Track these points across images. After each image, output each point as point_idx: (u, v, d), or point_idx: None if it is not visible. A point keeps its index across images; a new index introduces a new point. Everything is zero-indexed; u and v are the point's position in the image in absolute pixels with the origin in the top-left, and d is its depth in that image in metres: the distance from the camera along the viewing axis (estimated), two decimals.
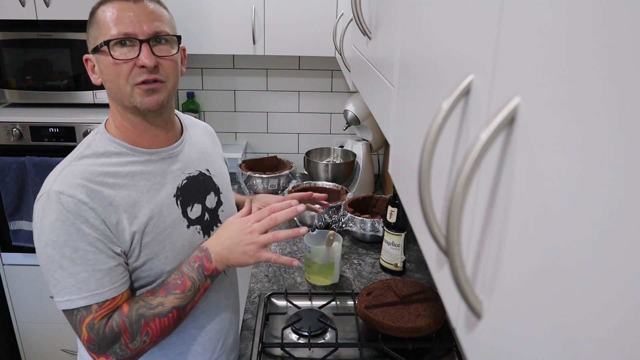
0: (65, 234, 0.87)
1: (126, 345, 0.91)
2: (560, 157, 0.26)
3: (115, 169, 0.94)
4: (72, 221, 0.87)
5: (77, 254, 0.87)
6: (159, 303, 0.92)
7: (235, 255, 0.95)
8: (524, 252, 0.30)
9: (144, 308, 0.92)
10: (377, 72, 0.89)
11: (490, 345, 0.35)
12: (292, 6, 2.04)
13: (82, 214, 0.87)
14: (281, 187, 2.18)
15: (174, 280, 0.95)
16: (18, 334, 2.28)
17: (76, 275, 0.88)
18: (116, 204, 0.91)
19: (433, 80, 0.51)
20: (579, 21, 0.24)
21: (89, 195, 0.89)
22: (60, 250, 0.87)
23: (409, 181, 0.61)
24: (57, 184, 0.88)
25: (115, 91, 0.95)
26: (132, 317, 0.91)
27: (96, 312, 0.89)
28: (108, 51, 0.91)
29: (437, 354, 1.26)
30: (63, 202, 0.87)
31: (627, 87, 0.20)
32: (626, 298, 0.20)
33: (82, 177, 0.90)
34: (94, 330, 0.89)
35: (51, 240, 0.87)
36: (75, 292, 0.88)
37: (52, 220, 0.87)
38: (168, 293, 0.93)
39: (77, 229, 0.87)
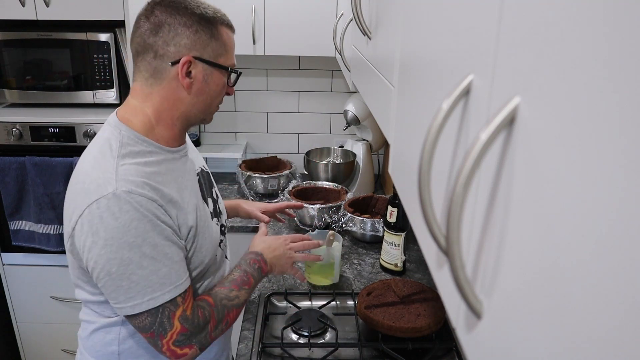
0: (144, 233, 0.87)
1: (209, 333, 0.97)
2: (560, 157, 0.26)
3: (158, 168, 0.95)
4: (149, 218, 0.87)
5: (157, 250, 0.89)
6: (236, 296, 1.02)
7: (279, 263, 1.15)
8: (524, 252, 0.30)
9: (226, 300, 1.01)
10: (377, 72, 0.89)
11: (490, 345, 0.35)
12: (292, 6, 2.04)
13: (154, 211, 0.88)
14: (281, 187, 2.18)
15: (242, 277, 1.06)
16: (18, 334, 2.28)
17: (158, 271, 0.89)
18: (174, 200, 0.94)
19: (433, 80, 0.51)
20: (578, 21, 0.24)
21: (156, 192, 0.90)
22: (140, 250, 0.87)
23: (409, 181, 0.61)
24: (122, 184, 0.86)
25: (202, 106, 0.99)
26: (219, 307, 0.99)
27: (184, 304, 0.93)
28: (228, 76, 1.00)
29: (437, 354, 1.26)
30: (136, 200, 0.86)
31: (627, 87, 0.20)
32: (626, 298, 0.20)
33: (142, 176, 0.90)
34: (189, 320, 0.93)
35: (127, 243, 0.86)
36: (159, 288, 0.89)
37: (126, 221, 0.85)
38: (240, 288, 1.04)
39: (154, 226, 0.88)
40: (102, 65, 2.01)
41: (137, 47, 0.96)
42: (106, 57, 2.00)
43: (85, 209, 0.86)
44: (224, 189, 2.31)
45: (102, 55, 2.00)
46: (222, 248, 1.15)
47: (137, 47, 0.96)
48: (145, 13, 0.96)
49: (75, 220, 0.88)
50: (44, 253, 2.09)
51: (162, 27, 0.93)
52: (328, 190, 2.04)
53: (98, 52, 2.00)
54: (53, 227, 2.02)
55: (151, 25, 0.94)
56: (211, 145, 2.48)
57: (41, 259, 2.13)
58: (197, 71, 0.95)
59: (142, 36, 0.95)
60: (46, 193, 1.97)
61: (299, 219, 1.89)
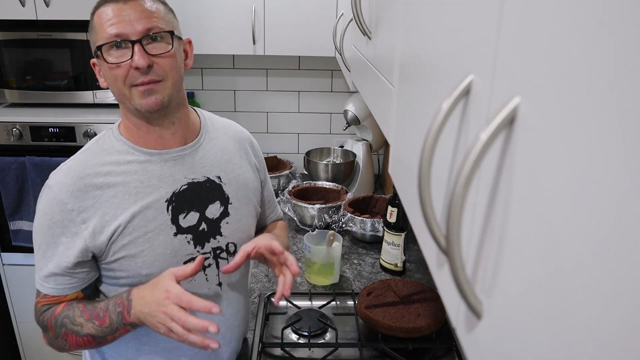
0: (41, 227, 0.96)
1: (51, 339, 1.01)
2: (561, 157, 0.26)
3: (110, 168, 0.96)
4: (49, 217, 0.95)
5: (42, 247, 0.97)
6: (79, 323, 0.96)
7: (149, 323, 0.90)
8: (524, 252, 0.30)
9: (67, 319, 0.97)
10: (377, 72, 0.89)
11: (490, 345, 0.35)
12: (292, 6, 2.04)
13: (57, 212, 0.94)
14: (281, 187, 2.18)
15: (98, 311, 0.95)
16: (18, 334, 2.28)
17: (39, 262, 0.98)
18: (98, 205, 0.94)
19: (433, 80, 0.51)
20: (579, 21, 0.24)
21: (74, 195, 0.93)
22: (36, 236, 0.98)
23: (409, 181, 0.61)
24: (55, 177, 0.96)
25: (117, 94, 0.95)
26: (57, 321, 0.98)
27: (41, 298, 1.00)
28: (102, 56, 0.91)
29: (437, 354, 1.26)
30: (48, 196, 0.95)
31: (628, 86, 0.20)
32: (627, 299, 0.20)
33: (74, 175, 0.95)
34: (35, 311, 1.02)
35: (35, 224, 0.98)
36: (37, 272, 0.99)
37: (40, 207, 0.96)
38: (89, 319, 0.95)
39: (50, 227, 0.95)
40: None
41: None
42: None
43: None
44: None
45: None
46: (205, 272, 1.03)
47: None
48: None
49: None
50: None
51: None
52: (328, 190, 2.04)
53: None
54: None
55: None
56: None
57: None
58: (101, 66, 0.95)
59: None
60: None
61: (299, 219, 1.89)
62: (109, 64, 0.91)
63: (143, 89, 0.91)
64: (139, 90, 0.92)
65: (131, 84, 0.91)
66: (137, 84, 0.91)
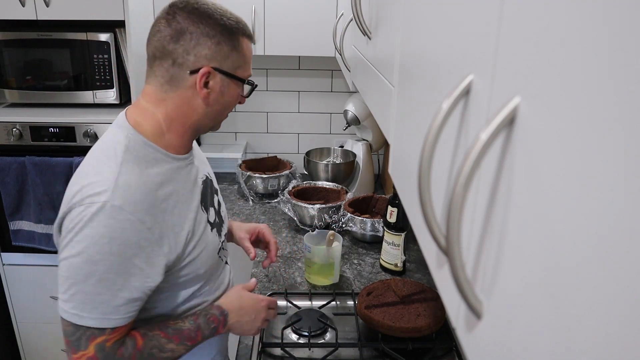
0: (107, 255, 0.84)
1: None
2: (560, 157, 0.26)
3: (161, 178, 0.92)
4: (119, 243, 0.84)
5: (108, 276, 0.85)
6: (170, 349, 0.94)
7: (244, 328, 1.07)
8: (524, 252, 0.30)
9: (157, 349, 0.93)
10: (377, 72, 0.89)
11: (490, 345, 0.35)
12: (292, 6, 2.04)
13: (132, 236, 0.85)
14: (281, 187, 2.18)
15: (189, 332, 0.97)
16: (18, 334, 2.28)
17: (98, 295, 0.85)
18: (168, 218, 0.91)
19: (433, 80, 0.51)
20: (579, 21, 0.24)
21: (148, 212, 0.87)
22: (94, 266, 0.84)
23: (409, 181, 0.61)
24: (117, 198, 0.84)
25: (213, 115, 0.98)
26: (144, 354, 0.91)
27: (109, 335, 0.87)
28: (242, 87, 1.00)
29: (437, 354, 1.26)
30: (120, 219, 0.84)
31: (627, 87, 0.20)
32: (627, 298, 0.20)
33: (140, 190, 0.87)
34: (104, 352, 0.87)
35: (88, 256, 0.84)
36: (89, 310, 0.85)
37: (99, 236, 0.83)
38: (181, 342, 0.95)
39: (121, 253, 0.85)
40: (102, 65, 2.01)
41: (155, 52, 0.93)
42: (106, 57, 2.00)
43: (76, 207, 0.85)
44: (224, 189, 2.31)
45: (102, 55, 2.00)
46: (222, 257, 1.12)
47: (154, 51, 0.93)
48: (166, 17, 0.92)
49: (64, 213, 0.88)
50: (44, 253, 2.09)
51: (183, 34, 0.91)
52: (328, 190, 2.04)
53: (98, 52, 2.00)
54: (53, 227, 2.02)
55: (172, 31, 0.91)
56: (211, 145, 2.49)
57: (41, 259, 2.13)
58: (215, 82, 0.94)
59: (161, 41, 0.92)
60: (46, 193, 1.97)
61: (299, 219, 1.89)
62: (243, 97, 1.02)
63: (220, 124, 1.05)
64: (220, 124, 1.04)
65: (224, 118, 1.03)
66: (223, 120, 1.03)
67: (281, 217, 2.02)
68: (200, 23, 0.91)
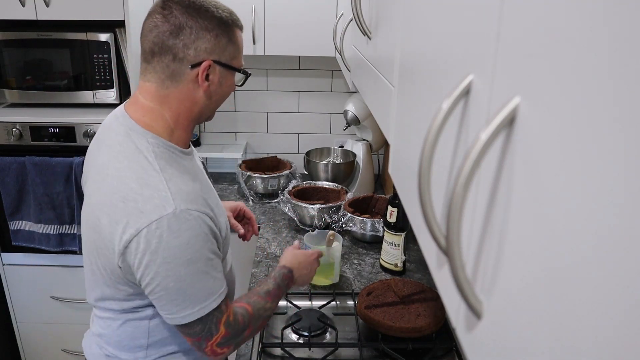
0: (200, 249, 0.91)
1: (245, 337, 1.04)
2: (560, 157, 0.26)
3: (190, 175, 0.97)
4: (204, 234, 0.92)
5: (207, 264, 0.93)
6: (269, 308, 1.08)
7: (305, 279, 1.24)
8: (524, 252, 0.30)
9: (262, 310, 1.07)
10: (377, 72, 0.89)
11: (490, 345, 0.35)
12: (292, 6, 2.04)
13: (207, 226, 0.93)
14: (281, 187, 2.18)
15: (275, 291, 1.11)
16: (18, 334, 2.28)
17: (207, 284, 0.94)
18: (212, 205, 0.98)
19: (433, 80, 0.51)
20: (579, 21, 0.24)
21: (205, 203, 0.94)
22: (195, 266, 0.91)
23: (409, 181, 0.61)
24: (180, 203, 0.89)
25: (213, 105, 1.02)
26: (256, 316, 1.05)
27: (227, 311, 0.98)
28: (231, 75, 1.02)
29: (437, 354, 1.26)
30: (193, 217, 0.90)
31: (627, 87, 0.20)
32: (627, 297, 0.20)
33: (191, 189, 0.93)
34: (232, 325, 0.99)
35: (185, 260, 0.89)
36: (207, 298, 0.94)
37: (185, 239, 0.88)
38: (273, 300, 1.10)
39: (206, 241, 0.92)
40: (102, 65, 2.01)
41: (154, 47, 0.93)
42: (106, 57, 2.00)
43: (143, 228, 0.87)
44: (224, 189, 2.31)
45: (102, 55, 2.00)
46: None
47: (152, 46, 0.93)
48: (162, 12, 0.93)
49: (129, 238, 0.88)
50: (44, 253, 2.09)
51: (183, 29, 0.92)
52: (328, 190, 2.04)
53: (98, 52, 2.00)
54: (53, 227, 2.02)
55: (171, 27, 0.92)
56: (211, 145, 2.48)
57: (41, 259, 2.13)
58: (215, 74, 0.96)
59: (160, 36, 0.92)
60: (46, 193, 1.97)
61: (299, 219, 1.89)
62: (237, 86, 1.07)
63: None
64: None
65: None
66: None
67: (281, 217, 2.02)
68: (199, 17, 0.92)
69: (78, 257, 2.12)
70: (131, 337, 1.03)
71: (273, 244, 1.81)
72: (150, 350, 1.04)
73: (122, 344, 1.04)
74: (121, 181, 0.91)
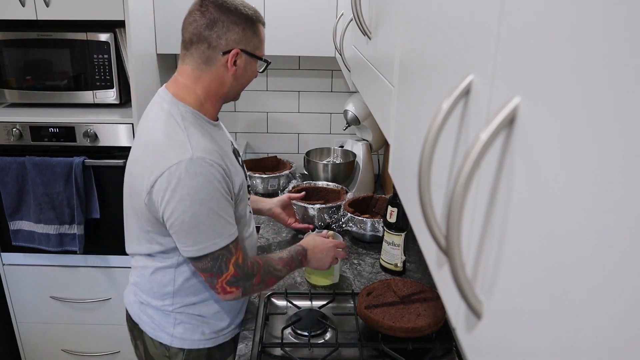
0: (212, 192, 1.08)
1: (253, 285, 1.19)
2: (560, 157, 0.26)
3: (210, 137, 1.15)
4: (217, 180, 1.09)
5: (219, 207, 1.10)
6: (279, 270, 1.26)
7: (319, 263, 1.39)
8: (524, 252, 0.30)
9: (272, 268, 1.24)
10: (377, 72, 0.89)
11: (490, 345, 0.35)
12: (292, 6, 2.04)
13: (219, 175, 1.10)
14: (281, 187, 2.18)
15: (287, 259, 1.30)
16: (18, 334, 2.28)
17: (218, 223, 1.11)
18: (227, 164, 1.14)
19: (433, 80, 0.51)
20: (578, 21, 0.24)
21: (220, 159, 1.11)
22: (208, 205, 1.08)
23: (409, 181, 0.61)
24: (197, 152, 1.07)
25: (239, 87, 1.24)
26: (265, 270, 1.22)
27: (236, 253, 1.15)
28: (255, 63, 1.23)
29: (437, 354, 1.26)
30: (208, 164, 1.08)
31: (626, 87, 0.20)
32: (627, 297, 0.20)
33: (208, 145, 1.11)
34: (240, 267, 1.16)
35: (199, 199, 1.07)
36: (218, 236, 1.11)
37: (200, 181, 1.06)
38: (284, 266, 1.28)
39: (218, 187, 1.09)
40: (102, 65, 2.01)
41: (192, 37, 1.16)
42: (106, 57, 2.00)
43: (166, 170, 1.06)
44: None
45: (102, 55, 2.00)
46: (249, 208, 1.36)
47: (191, 37, 1.16)
48: (200, 9, 1.15)
49: (155, 178, 1.07)
50: (44, 253, 2.09)
51: (216, 23, 1.14)
52: (328, 190, 2.04)
53: (98, 52, 2.00)
54: (53, 227, 2.02)
55: (207, 21, 1.14)
56: None
57: (41, 259, 2.13)
58: (241, 61, 1.19)
59: (198, 29, 1.14)
60: (46, 193, 1.97)
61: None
62: (258, 73, 1.27)
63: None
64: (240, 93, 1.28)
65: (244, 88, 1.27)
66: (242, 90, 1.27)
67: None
68: (230, 14, 1.15)
69: (78, 257, 2.12)
70: (160, 284, 1.22)
71: (273, 244, 1.81)
72: (175, 298, 1.22)
73: (153, 290, 1.23)
74: (153, 136, 1.12)
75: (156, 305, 1.24)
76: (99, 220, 2.04)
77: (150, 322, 1.26)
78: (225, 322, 1.29)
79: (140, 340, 1.30)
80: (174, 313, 1.24)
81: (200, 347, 1.27)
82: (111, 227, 2.07)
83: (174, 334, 1.25)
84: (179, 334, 1.25)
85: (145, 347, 1.30)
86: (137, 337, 1.32)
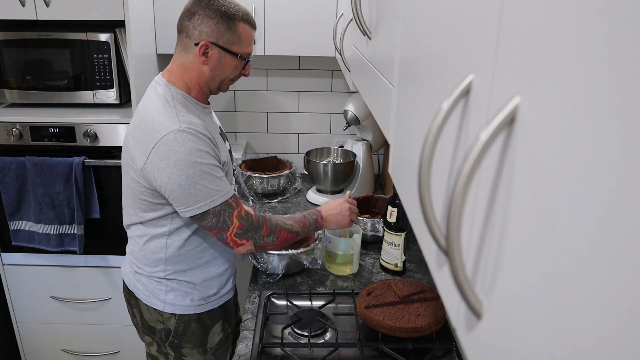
0: (202, 155, 1.17)
1: (263, 236, 1.28)
2: (560, 156, 0.26)
3: (198, 116, 1.24)
4: (206, 145, 1.19)
5: (211, 168, 1.19)
6: (290, 225, 1.34)
7: (335, 220, 1.44)
8: (524, 252, 0.30)
9: (280, 222, 1.33)
10: (377, 72, 0.89)
11: (490, 345, 0.35)
12: (292, 6, 2.04)
13: (207, 142, 1.19)
14: (281, 187, 2.18)
15: (299, 218, 1.38)
16: (18, 334, 2.28)
17: (212, 182, 1.19)
18: (214, 140, 1.23)
19: (433, 80, 0.51)
20: (578, 21, 0.24)
21: (205, 127, 1.20)
22: (200, 167, 1.17)
23: (409, 181, 0.61)
24: (184, 124, 1.17)
25: (218, 78, 1.30)
26: (272, 221, 1.31)
27: (237, 207, 1.24)
28: (241, 62, 1.30)
29: (437, 354, 1.26)
30: (195, 132, 1.17)
31: (626, 87, 0.20)
32: (626, 298, 0.20)
33: (194, 120, 1.20)
34: (244, 219, 1.25)
35: (191, 162, 1.16)
36: (215, 194, 1.20)
37: (189, 147, 1.16)
38: (295, 223, 1.35)
39: (207, 152, 1.19)
40: (102, 65, 2.01)
41: (178, 27, 1.28)
42: (106, 57, 2.00)
43: (158, 141, 1.16)
44: None
45: (102, 55, 2.00)
46: (235, 189, 1.43)
47: (178, 26, 1.28)
48: (189, 3, 1.26)
49: (149, 150, 1.17)
50: (44, 253, 2.09)
51: (194, 15, 1.24)
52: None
53: (98, 52, 2.00)
54: (53, 227, 2.02)
55: (188, 13, 1.25)
56: None
57: (41, 259, 2.13)
58: (213, 53, 1.26)
59: (181, 19, 1.27)
60: (46, 193, 1.97)
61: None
62: (244, 72, 1.34)
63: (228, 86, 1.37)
64: (227, 85, 1.35)
65: (228, 82, 1.34)
66: (228, 83, 1.35)
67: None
68: (207, 8, 1.24)
69: (78, 257, 2.12)
70: (153, 250, 1.31)
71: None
72: (167, 265, 1.31)
73: (147, 257, 1.32)
74: (146, 114, 1.22)
75: (149, 272, 1.33)
76: (99, 220, 2.05)
77: (144, 290, 1.35)
78: (213, 290, 1.37)
79: (137, 309, 1.39)
80: (166, 280, 1.32)
81: (190, 313, 1.35)
82: (111, 227, 2.07)
83: (166, 300, 1.33)
84: (171, 300, 1.33)
85: (141, 314, 1.38)
86: (133, 305, 1.40)
